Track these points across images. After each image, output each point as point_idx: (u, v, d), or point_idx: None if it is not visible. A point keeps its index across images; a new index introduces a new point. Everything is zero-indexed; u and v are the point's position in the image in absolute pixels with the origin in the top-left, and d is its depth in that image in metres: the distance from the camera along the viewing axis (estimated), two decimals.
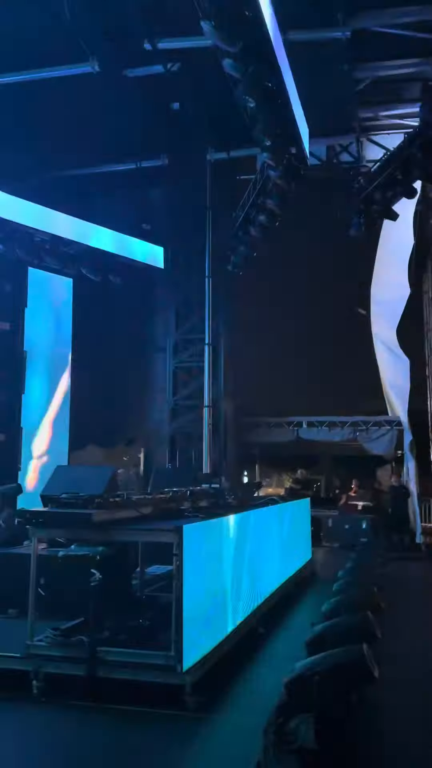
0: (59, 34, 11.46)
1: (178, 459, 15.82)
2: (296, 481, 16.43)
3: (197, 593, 5.41)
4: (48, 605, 5.96)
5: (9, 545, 7.86)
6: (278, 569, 8.67)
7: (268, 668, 5.94)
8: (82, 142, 14.96)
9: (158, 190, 16.83)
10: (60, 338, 15.32)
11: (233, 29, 7.67)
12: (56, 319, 15.32)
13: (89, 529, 5.46)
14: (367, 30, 11.56)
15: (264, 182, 12.90)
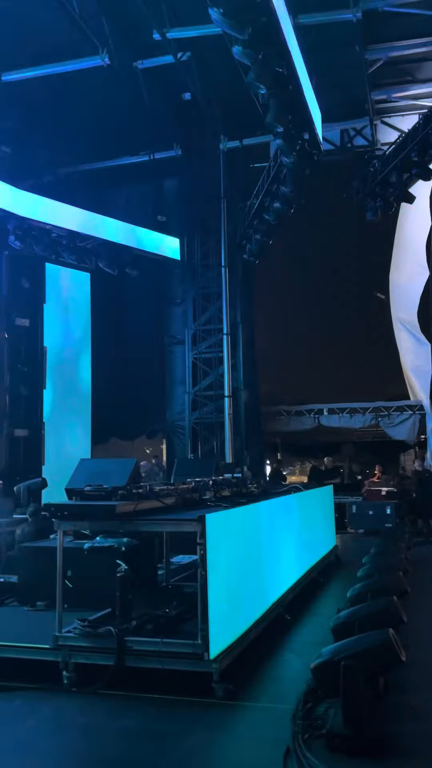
0: (69, 29, 11.48)
1: (200, 449, 15.87)
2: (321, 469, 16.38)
3: (222, 581, 5.44)
4: (75, 597, 6.02)
5: (36, 539, 7.96)
6: (303, 556, 8.68)
7: (296, 654, 5.96)
8: (94, 136, 15.02)
9: (172, 181, 16.83)
10: (79, 333, 15.42)
11: (242, 15, 7.61)
12: (75, 314, 15.41)
13: (113, 520, 5.51)
14: (378, 10, 11.39)
15: (278, 169, 12.84)
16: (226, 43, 9.07)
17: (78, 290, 15.53)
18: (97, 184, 16.31)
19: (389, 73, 13.74)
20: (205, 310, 16.37)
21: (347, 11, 11.36)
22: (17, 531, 8.76)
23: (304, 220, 14.75)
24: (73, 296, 15.46)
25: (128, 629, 5.39)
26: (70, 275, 15.25)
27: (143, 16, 11.39)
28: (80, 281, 15.50)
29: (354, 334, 17.74)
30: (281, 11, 8.54)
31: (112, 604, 5.69)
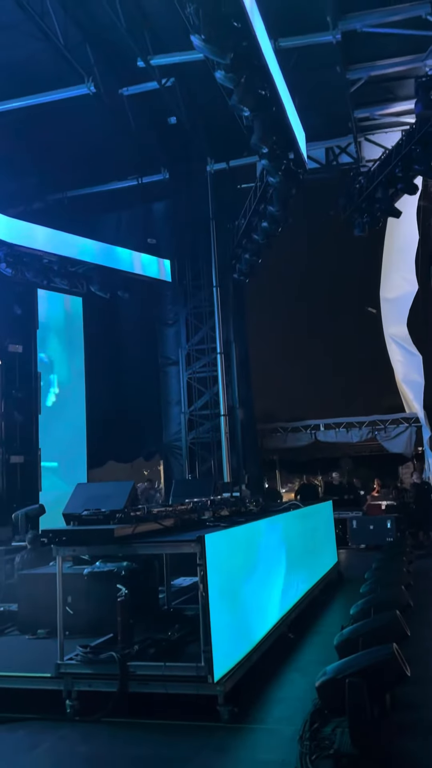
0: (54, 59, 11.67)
1: (198, 469, 15.84)
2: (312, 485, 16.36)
3: (224, 602, 5.41)
4: (76, 623, 5.98)
5: (35, 566, 7.90)
6: (305, 574, 8.64)
7: (301, 674, 5.91)
8: (83, 162, 15.17)
9: (161, 204, 16.98)
10: (72, 357, 15.43)
11: (223, 41, 7.74)
12: (68, 338, 15.44)
13: (112, 544, 5.49)
14: (357, 31, 11.60)
15: (264, 189, 12.97)
16: (209, 67, 9.21)
17: (70, 314, 15.57)
18: (86, 210, 16.45)
19: (371, 92, 13.94)
20: (197, 330, 16.43)
21: (327, 33, 11.55)
22: (16, 559, 8.72)
23: (294, 238, 14.92)
24: (66, 321, 15.50)
25: (130, 654, 5.34)
26: (63, 300, 15.30)
27: (127, 45, 11.57)
28: (72, 306, 15.55)
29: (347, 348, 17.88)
30: (261, 36, 8.69)
31: (113, 629, 5.65)
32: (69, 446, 14.77)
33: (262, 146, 10.19)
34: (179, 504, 7.25)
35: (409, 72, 12.89)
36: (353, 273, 17.17)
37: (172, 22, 10.98)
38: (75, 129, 13.86)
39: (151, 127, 14.94)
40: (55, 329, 15.17)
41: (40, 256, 13.71)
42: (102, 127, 13.68)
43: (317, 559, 9.68)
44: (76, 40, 11.58)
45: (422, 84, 10.40)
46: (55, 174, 15.46)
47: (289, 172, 11.34)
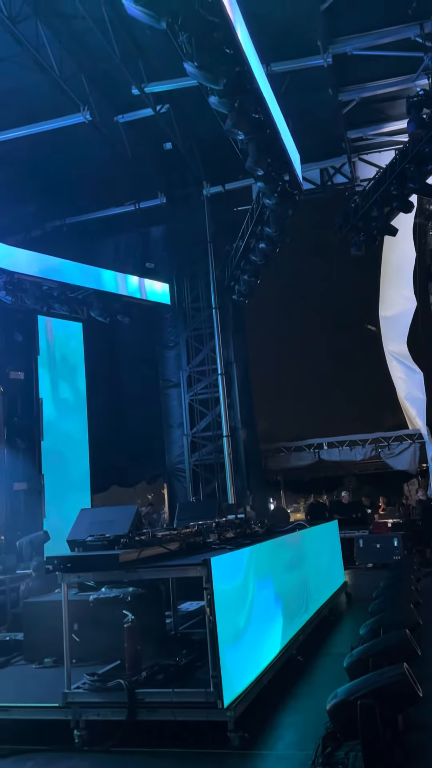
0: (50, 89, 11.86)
1: (202, 491, 15.77)
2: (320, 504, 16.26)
3: (231, 626, 5.35)
4: (83, 650, 5.91)
5: (41, 593, 7.84)
6: (312, 594, 8.56)
7: (311, 697, 5.83)
8: (80, 189, 15.34)
9: (159, 228, 17.12)
10: (74, 382, 15.45)
11: (216, 67, 7.86)
12: (69, 364, 15.47)
13: (117, 569, 5.44)
14: (348, 54, 11.79)
15: (261, 211, 13.07)
16: (202, 93, 9.34)
17: (71, 340, 15.62)
18: (85, 236, 16.58)
19: (363, 113, 14.13)
20: (198, 351, 16.48)
21: (318, 57, 11.76)
22: (21, 587, 8.65)
23: (292, 258, 14.97)
24: (67, 346, 15.54)
25: (138, 681, 5.28)
26: (63, 326, 15.36)
27: (121, 73, 11.77)
28: (73, 331, 15.60)
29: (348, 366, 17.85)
30: (254, 61, 8.83)
31: (121, 656, 5.59)
32: (72, 472, 14.72)
33: (258, 169, 10.30)
34: (184, 527, 7.20)
35: (401, 92, 13.06)
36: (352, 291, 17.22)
37: (165, 50, 11.15)
38: (72, 157, 14.04)
39: (147, 153, 15.12)
40: (56, 355, 15.20)
41: (40, 282, 13.80)
42: (99, 154, 13.85)
43: (325, 579, 9.60)
44: (71, 70, 11.77)
45: (414, 104, 10.52)
46: (54, 201, 15.62)
47: (285, 193, 11.44)
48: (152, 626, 6.57)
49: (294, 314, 17.36)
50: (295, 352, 17.48)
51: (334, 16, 11.21)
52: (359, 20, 11.42)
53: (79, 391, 15.46)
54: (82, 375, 15.60)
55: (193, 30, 7.46)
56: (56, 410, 14.81)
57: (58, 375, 15.10)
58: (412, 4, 10.82)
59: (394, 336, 16.72)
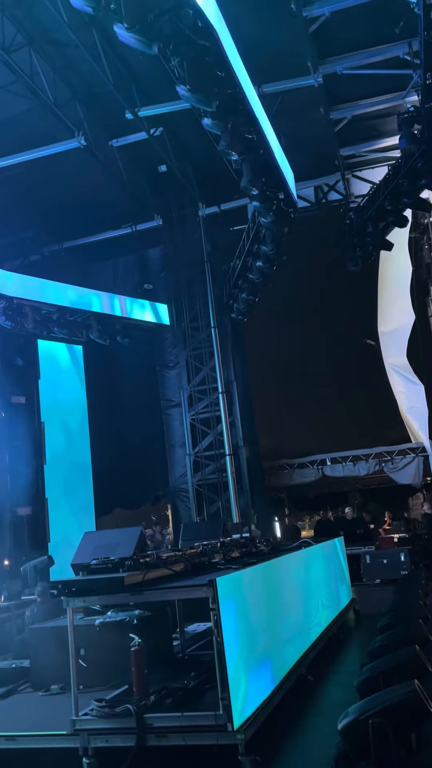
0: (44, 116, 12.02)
1: (206, 511, 15.70)
2: (328, 521, 16.17)
3: (240, 646, 5.29)
4: (90, 675, 5.85)
5: (46, 619, 7.77)
6: (321, 613, 8.48)
7: (322, 717, 5.75)
8: (77, 213, 15.46)
9: (156, 249, 17.23)
10: (75, 404, 15.46)
11: (208, 90, 7.95)
12: (70, 387, 15.49)
13: (123, 592, 5.40)
14: (338, 73, 11.95)
15: (257, 230, 13.17)
16: (195, 115, 9.46)
17: (71, 363, 15.66)
18: (83, 259, 16.69)
19: (355, 130, 14.27)
20: (198, 371, 16.50)
21: (308, 77, 11.92)
22: (27, 613, 8.57)
23: (289, 275, 15.04)
24: (67, 369, 15.57)
25: (147, 705, 5.21)
26: (63, 349, 15.40)
27: (114, 98, 11.93)
28: (73, 354, 15.65)
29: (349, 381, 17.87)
30: (245, 82, 8.94)
31: (128, 680, 5.52)
32: (76, 495, 14.68)
33: (252, 188, 10.39)
34: (189, 548, 7.16)
35: (391, 109, 13.19)
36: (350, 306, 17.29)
37: (158, 74, 11.32)
38: (68, 181, 14.17)
39: (142, 176, 15.28)
40: (57, 379, 15.23)
41: (39, 307, 13.86)
42: (94, 178, 13.98)
43: (332, 596, 9.51)
44: (65, 96, 11.93)
45: (405, 120, 10.65)
46: (51, 226, 15.74)
47: (280, 211, 11.53)
48: (159, 649, 6.50)
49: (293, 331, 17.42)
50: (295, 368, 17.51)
51: (323, 37, 11.36)
52: (348, 40, 11.58)
53: (81, 414, 15.47)
54: (84, 397, 15.62)
55: (185, 54, 7.56)
56: (58, 434, 14.79)
57: (59, 398, 15.11)
58: (400, 24, 10.97)
59: (393, 349, 16.75)
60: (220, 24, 7.76)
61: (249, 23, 10.65)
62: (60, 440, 14.79)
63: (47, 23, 10.55)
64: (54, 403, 14.88)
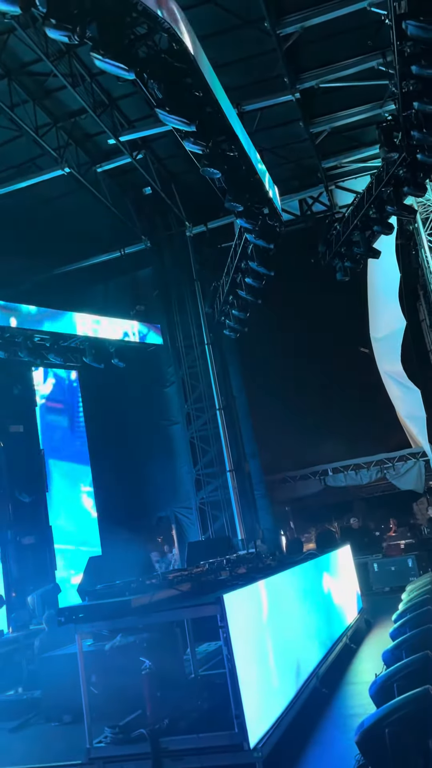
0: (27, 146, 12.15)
1: (210, 529, 15.62)
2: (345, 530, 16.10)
3: (251, 663, 5.25)
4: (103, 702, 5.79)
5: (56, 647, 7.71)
6: (331, 623, 8.42)
7: (339, 729, 5.70)
8: (65, 240, 15.52)
9: (146, 271, 17.26)
10: (74, 429, 15.44)
11: (187, 111, 8.03)
12: (68, 412, 15.49)
13: (130, 615, 5.37)
14: (315, 87, 12.10)
15: (244, 246, 13.23)
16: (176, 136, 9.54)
17: (68, 388, 15.67)
18: (74, 285, 16.71)
19: (336, 142, 14.42)
20: (194, 388, 16.49)
21: (286, 93, 12.08)
22: (35, 643, 8.49)
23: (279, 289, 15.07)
24: (64, 395, 15.57)
25: (161, 729, 5.16)
26: (59, 375, 15.42)
27: (96, 124, 12.07)
28: (69, 379, 15.66)
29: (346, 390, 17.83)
30: (223, 101, 9.02)
31: (141, 704, 5.47)
32: (80, 520, 14.62)
33: (237, 205, 10.46)
34: (195, 567, 7.13)
35: (370, 119, 13.35)
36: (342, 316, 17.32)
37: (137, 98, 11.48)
38: (55, 209, 14.26)
39: (127, 200, 15.38)
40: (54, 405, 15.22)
41: (31, 335, 13.86)
42: (81, 204, 14.08)
43: (342, 606, 9.45)
44: (46, 125, 12.05)
45: (384, 129, 10.74)
46: (40, 254, 15.78)
47: (266, 226, 11.59)
48: (171, 671, 6.45)
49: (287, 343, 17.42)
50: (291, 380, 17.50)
51: (297, 52, 11.55)
52: (323, 54, 11.74)
53: (81, 439, 15.45)
54: (82, 422, 15.60)
55: (162, 77, 7.64)
56: (59, 460, 14.76)
57: (58, 425, 15.10)
58: (372, 35, 11.14)
59: (387, 356, 16.78)
60: (195, 45, 7.87)
61: (224, 44, 10.82)
62: (61, 466, 14.76)
63: (23, 55, 10.69)
64: (53, 430, 14.88)
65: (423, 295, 16.99)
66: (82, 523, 14.73)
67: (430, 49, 8.29)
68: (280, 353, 17.20)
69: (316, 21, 10.64)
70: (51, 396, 15.23)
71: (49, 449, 14.60)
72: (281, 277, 14.00)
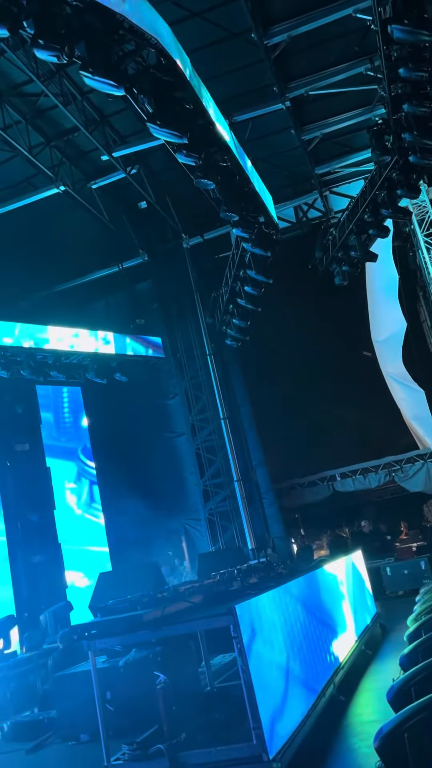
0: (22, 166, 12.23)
1: (220, 540, 15.55)
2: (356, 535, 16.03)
3: (267, 672, 5.21)
4: (119, 718, 5.76)
5: (69, 665, 7.66)
6: (346, 629, 8.36)
7: (358, 737, 5.64)
8: (64, 257, 15.58)
9: (145, 284, 17.31)
10: (80, 446, 15.44)
11: (178, 124, 8.07)
12: (72, 428, 15.49)
13: (143, 630, 5.34)
14: (305, 95, 12.17)
15: (241, 255, 13.27)
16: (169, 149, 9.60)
17: (72, 405, 15.68)
18: (73, 301, 16.76)
19: (328, 148, 14.49)
20: (198, 399, 16.49)
21: (276, 101, 12.16)
22: (49, 662, 8.46)
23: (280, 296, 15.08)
24: (68, 411, 15.59)
25: (179, 743, 5.12)
26: (62, 391, 15.43)
27: (89, 141, 12.15)
28: (73, 395, 15.68)
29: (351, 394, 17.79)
30: (214, 112, 9.08)
31: (158, 720, 5.43)
32: (89, 536, 14.58)
33: (232, 215, 10.49)
34: (206, 578, 7.10)
35: (361, 124, 13.40)
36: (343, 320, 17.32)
37: (128, 113, 11.56)
38: (52, 227, 14.32)
39: (123, 215, 15.45)
40: (59, 422, 15.24)
41: (33, 353, 13.90)
42: (77, 221, 14.14)
43: (356, 612, 9.39)
44: (40, 145, 12.14)
45: (375, 133, 10.80)
46: (39, 272, 15.83)
47: (262, 235, 11.62)
48: (186, 684, 6.39)
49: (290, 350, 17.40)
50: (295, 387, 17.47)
51: (286, 61, 11.62)
52: (311, 62, 11.82)
53: (87, 455, 15.44)
54: (87, 438, 15.60)
55: (152, 92, 7.69)
56: (66, 477, 14.76)
57: (63, 442, 15.11)
58: (358, 41, 11.22)
59: (390, 358, 16.76)
60: (183, 58, 7.92)
61: (212, 56, 10.91)
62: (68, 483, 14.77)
63: (14, 76, 10.78)
64: (58, 448, 14.88)
65: (422, 296, 16.98)
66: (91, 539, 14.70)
67: (416, 52, 8.34)
68: (282, 360, 17.19)
69: (302, 30, 10.73)
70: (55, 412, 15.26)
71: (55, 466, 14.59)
72: (281, 284, 14.03)
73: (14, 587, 12.68)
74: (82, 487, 15.37)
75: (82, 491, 15.30)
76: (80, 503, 15.16)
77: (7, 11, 6.17)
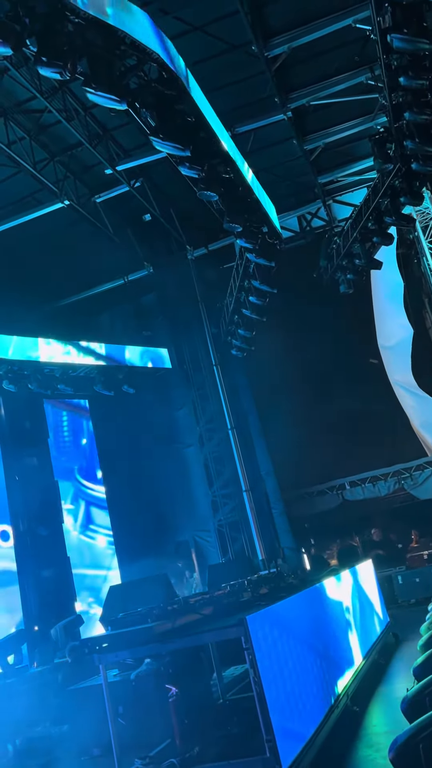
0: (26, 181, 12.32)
1: (230, 550, 15.48)
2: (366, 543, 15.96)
3: (279, 684, 5.18)
4: (131, 732, 5.72)
5: (80, 679, 7.63)
6: (359, 639, 8.30)
7: (373, 748, 5.59)
8: (69, 271, 15.65)
9: (150, 296, 17.36)
10: (88, 459, 15.44)
11: (180, 137, 8.13)
12: (80, 441, 15.50)
13: (154, 642, 5.32)
14: (306, 105, 12.24)
15: (246, 265, 13.31)
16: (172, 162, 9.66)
17: (80, 417, 15.70)
18: (79, 314, 16.83)
19: (330, 157, 14.54)
20: (205, 410, 16.47)
21: (278, 112, 12.24)
22: (59, 677, 8.42)
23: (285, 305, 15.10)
24: (76, 424, 15.61)
25: (192, 757, 5.08)
26: (69, 404, 15.46)
27: (92, 156, 12.24)
28: (80, 408, 15.70)
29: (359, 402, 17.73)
30: (215, 124, 9.14)
31: (170, 733, 5.40)
32: (98, 550, 14.55)
33: (236, 226, 10.54)
34: (217, 590, 7.07)
35: (363, 132, 13.46)
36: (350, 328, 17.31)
37: (131, 127, 11.64)
38: (57, 241, 14.39)
39: (128, 228, 15.52)
40: (67, 435, 15.25)
41: (41, 366, 13.93)
42: (82, 235, 14.21)
43: (369, 621, 9.32)
44: (44, 160, 12.24)
45: (376, 141, 10.84)
46: (45, 286, 15.91)
47: (266, 245, 11.66)
48: (198, 697, 6.35)
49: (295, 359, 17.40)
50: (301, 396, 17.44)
51: (287, 72, 11.69)
52: (312, 72, 11.89)
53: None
54: (95, 450, 15.60)
55: (154, 106, 7.76)
56: (74, 490, 14.75)
57: (71, 455, 15.11)
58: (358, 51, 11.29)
59: (397, 366, 16.72)
60: (185, 72, 7.99)
61: (213, 69, 10.99)
62: (76, 497, 14.75)
63: (18, 94, 10.89)
64: (66, 461, 14.89)
65: (428, 303, 16.96)
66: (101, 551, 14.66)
67: (416, 61, 8.38)
68: (289, 369, 17.17)
69: (302, 41, 10.80)
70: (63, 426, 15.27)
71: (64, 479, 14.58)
72: (285, 294, 14.05)
73: (23, 601, 12.64)
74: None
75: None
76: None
77: (11, 30, 6.25)
